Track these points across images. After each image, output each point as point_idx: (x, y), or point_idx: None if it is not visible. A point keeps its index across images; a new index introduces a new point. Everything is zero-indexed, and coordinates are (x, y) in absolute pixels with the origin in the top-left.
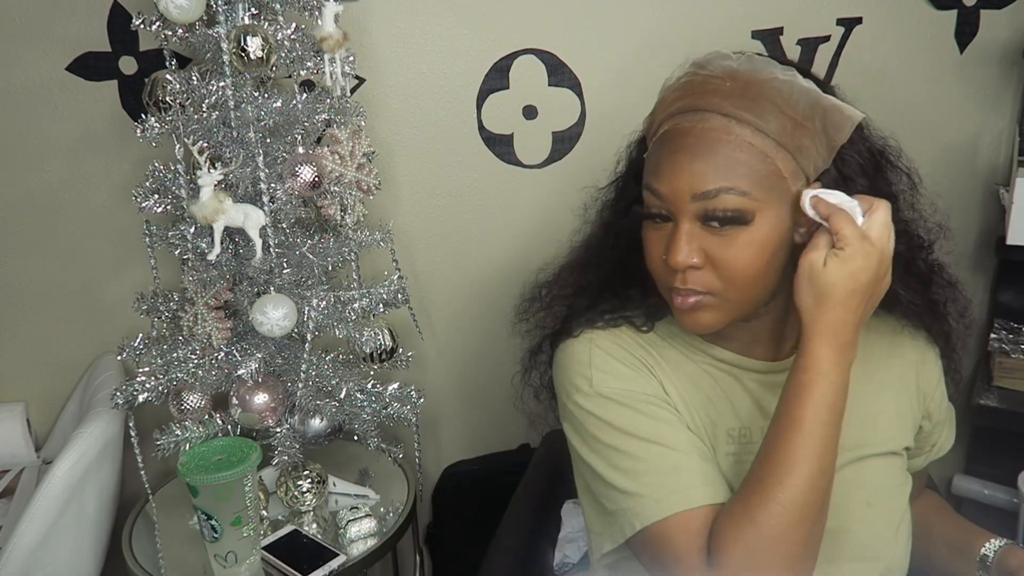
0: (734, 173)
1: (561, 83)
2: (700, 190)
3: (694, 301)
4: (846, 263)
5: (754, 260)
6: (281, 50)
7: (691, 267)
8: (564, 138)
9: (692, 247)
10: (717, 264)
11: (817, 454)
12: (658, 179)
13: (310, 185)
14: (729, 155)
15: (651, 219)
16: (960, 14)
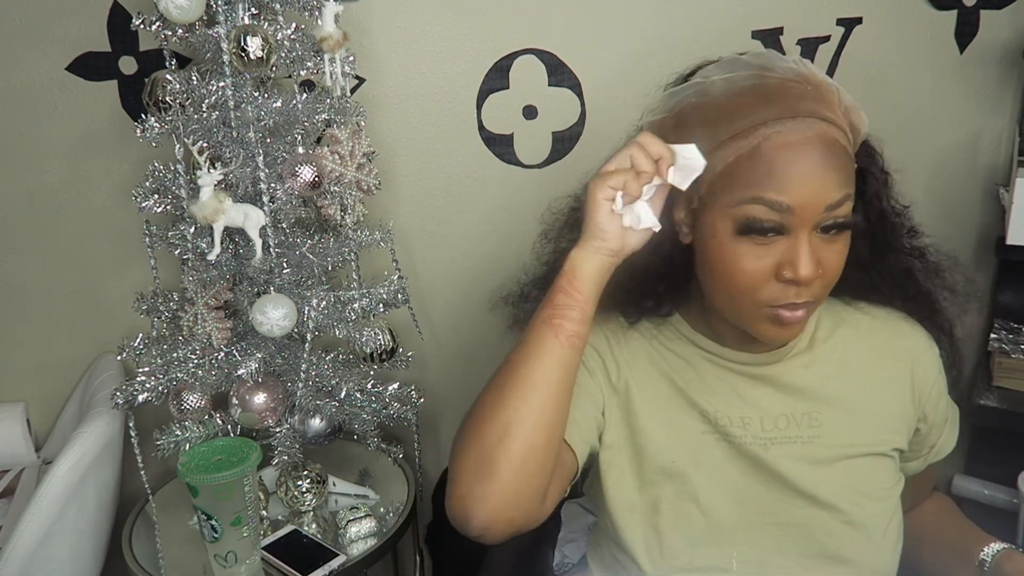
0: (848, 178)
1: (561, 83)
2: (832, 200)
3: (805, 312)
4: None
5: (844, 260)
6: (281, 50)
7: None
8: (564, 138)
9: (815, 259)
10: (827, 269)
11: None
12: (782, 192)
13: (310, 185)
14: (841, 161)
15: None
16: (960, 14)
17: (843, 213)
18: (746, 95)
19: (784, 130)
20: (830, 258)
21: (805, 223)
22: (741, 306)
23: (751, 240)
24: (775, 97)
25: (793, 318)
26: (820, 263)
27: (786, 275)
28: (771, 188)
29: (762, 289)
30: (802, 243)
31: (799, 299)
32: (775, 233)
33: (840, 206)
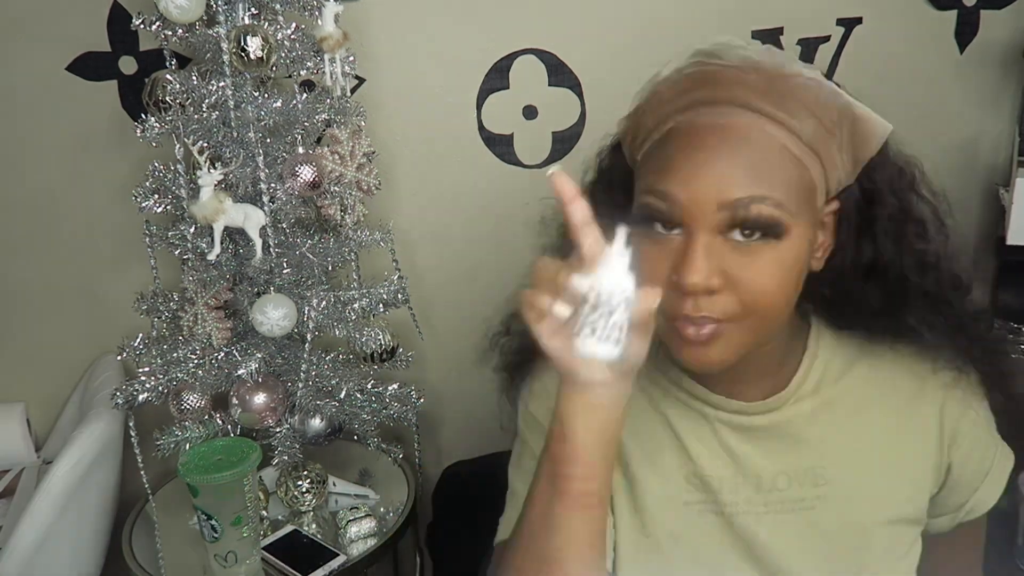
0: (769, 180)
1: (561, 83)
2: (730, 198)
3: (710, 331)
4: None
5: (781, 282)
6: (281, 50)
7: (708, 290)
8: (564, 138)
9: (711, 265)
10: (738, 286)
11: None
12: (670, 181)
13: (310, 185)
14: (763, 158)
15: (652, 229)
16: (960, 14)
17: (753, 215)
18: (680, 83)
19: (697, 117)
20: (744, 272)
21: (697, 221)
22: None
23: (651, 238)
24: (702, 82)
25: (696, 336)
26: (727, 276)
27: (673, 279)
28: (661, 177)
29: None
30: (694, 244)
31: (696, 312)
32: (665, 227)
33: (744, 207)
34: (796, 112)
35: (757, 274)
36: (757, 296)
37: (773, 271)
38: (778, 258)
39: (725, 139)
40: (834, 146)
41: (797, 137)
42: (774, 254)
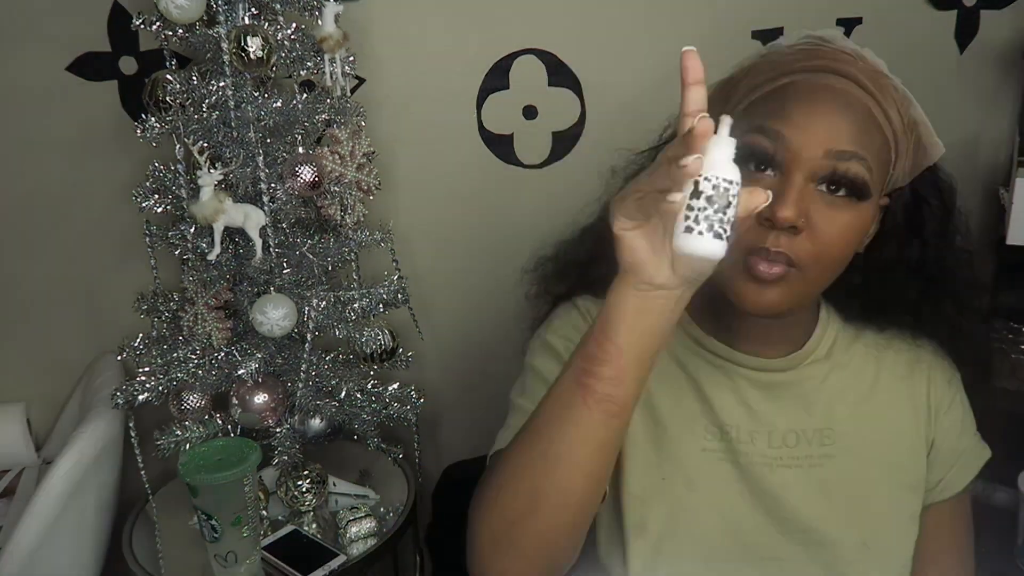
0: (870, 144)
1: (561, 83)
2: (838, 148)
3: (780, 270)
4: None
5: (849, 241)
6: (281, 50)
7: (792, 228)
8: (564, 138)
9: (802, 206)
10: (817, 232)
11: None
12: (786, 123)
13: (310, 185)
14: (867, 125)
15: (754, 164)
16: (960, 14)
17: (850, 170)
18: (796, 53)
19: (813, 78)
20: (826, 224)
21: (800, 164)
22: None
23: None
24: (819, 56)
25: (767, 273)
26: (810, 220)
27: (763, 212)
28: (775, 118)
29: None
30: (790, 184)
31: (775, 247)
32: (768, 167)
33: (846, 160)
34: (889, 103)
35: (835, 225)
36: (829, 246)
37: (847, 227)
38: (854, 217)
39: (838, 98)
40: (903, 146)
41: (889, 123)
42: (853, 212)
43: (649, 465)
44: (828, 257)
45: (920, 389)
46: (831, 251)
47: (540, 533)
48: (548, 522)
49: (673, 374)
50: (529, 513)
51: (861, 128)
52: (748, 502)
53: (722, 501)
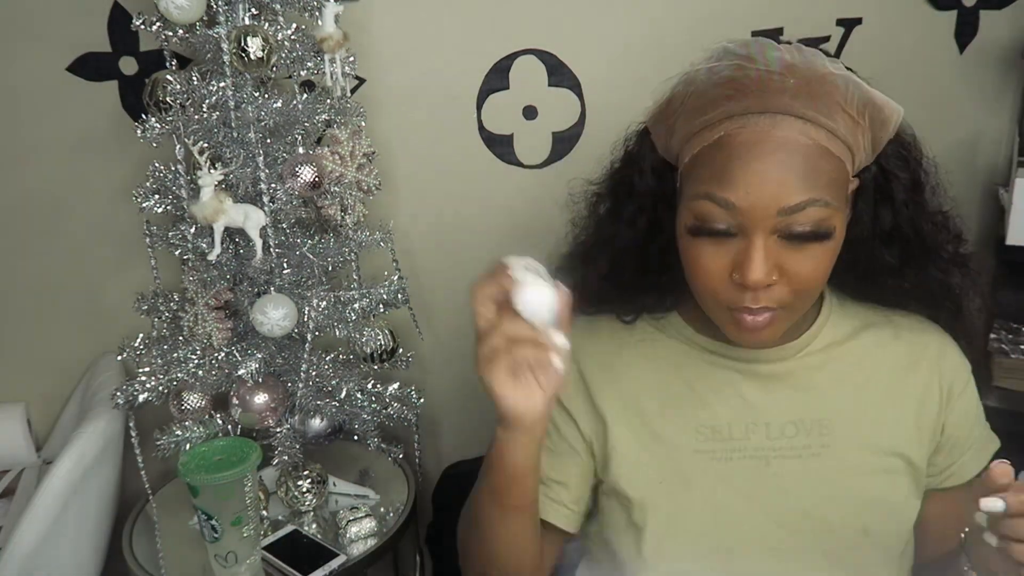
0: (818, 183)
1: (561, 83)
2: (787, 204)
3: (766, 318)
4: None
5: (827, 269)
6: (281, 50)
7: (768, 286)
8: (564, 138)
9: (769, 264)
10: (793, 278)
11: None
12: (730, 190)
13: (310, 185)
14: (811, 164)
15: (708, 227)
16: (960, 14)
17: (807, 220)
18: (722, 86)
19: (748, 125)
20: (798, 266)
21: (756, 225)
22: (706, 305)
23: (706, 238)
24: (750, 89)
25: (753, 323)
26: (782, 270)
27: (734, 278)
28: (720, 185)
29: (718, 289)
30: (754, 246)
31: (755, 304)
32: (727, 234)
33: (800, 211)
34: (832, 112)
35: (810, 267)
36: (808, 282)
37: (822, 262)
38: (825, 249)
39: (778, 149)
40: (860, 134)
41: (834, 135)
42: (823, 246)
43: (643, 469)
44: (811, 289)
45: (927, 378)
46: (811, 284)
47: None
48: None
49: (664, 380)
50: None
51: (809, 169)
52: (744, 499)
53: (719, 500)
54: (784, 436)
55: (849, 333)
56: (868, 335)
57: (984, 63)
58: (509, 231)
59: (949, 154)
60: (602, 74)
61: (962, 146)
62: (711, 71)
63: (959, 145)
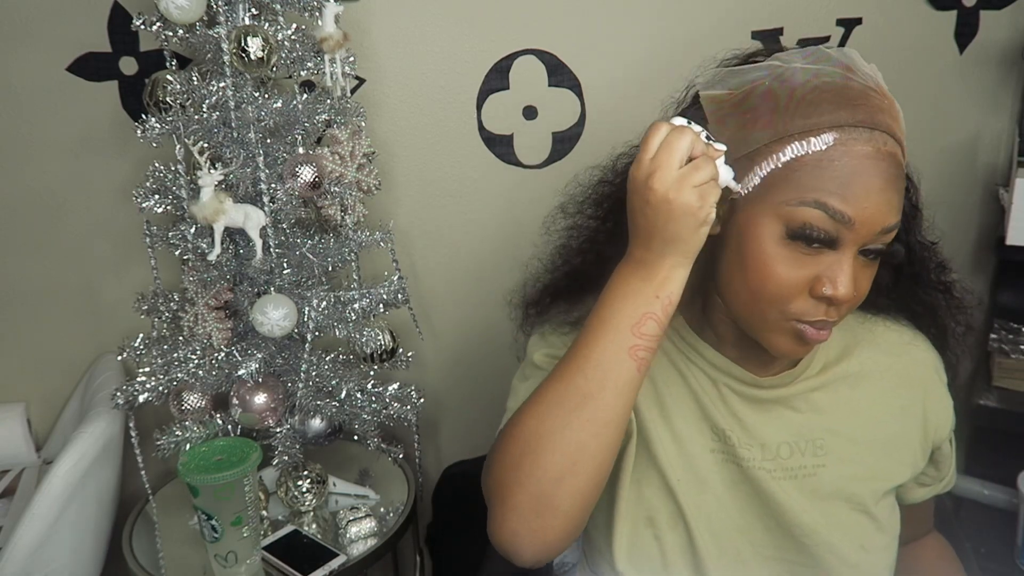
0: (901, 205)
1: (561, 83)
2: (889, 224)
3: (829, 332)
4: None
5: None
6: (281, 51)
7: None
8: (564, 138)
9: (854, 280)
10: (858, 295)
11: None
12: (850, 203)
13: (310, 185)
14: (903, 184)
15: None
16: (960, 14)
17: (889, 239)
18: (829, 92)
19: (861, 139)
20: (863, 282)
21: (858, 240)
22: (765, 314)
23: (796, 247)
24: (858, 102)
25: (818, 337)
26: (856, 285)
27: (824, 291)
28: (836, 195)
29: (793, 301)
30: (848, 261)
31: (830, 317)
32: (823, 245)
33: (893, 231)
34: (903, 134)
35: (868, 281)
36: (860, 301)
37: (871, 280)
38: (875, 269)
39: (890, 168)
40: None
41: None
42: (876, 267)
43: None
44: (857, 305)
45: (918, 398)
46: (861, 300)
47: (580, 491)
48: (589, 480)
49: (673, 377)
50: (570, 473)
51: (902, 189)
52: (754, 504)
53: (731, 502)
54: (779, 456)
55: (841, 351)
56: (861, 353)
57: (984, 63)
58: (509, 231)
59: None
60: (602, 74)
61: (962, 146)
62: (811, 73)
63: (959, 145)
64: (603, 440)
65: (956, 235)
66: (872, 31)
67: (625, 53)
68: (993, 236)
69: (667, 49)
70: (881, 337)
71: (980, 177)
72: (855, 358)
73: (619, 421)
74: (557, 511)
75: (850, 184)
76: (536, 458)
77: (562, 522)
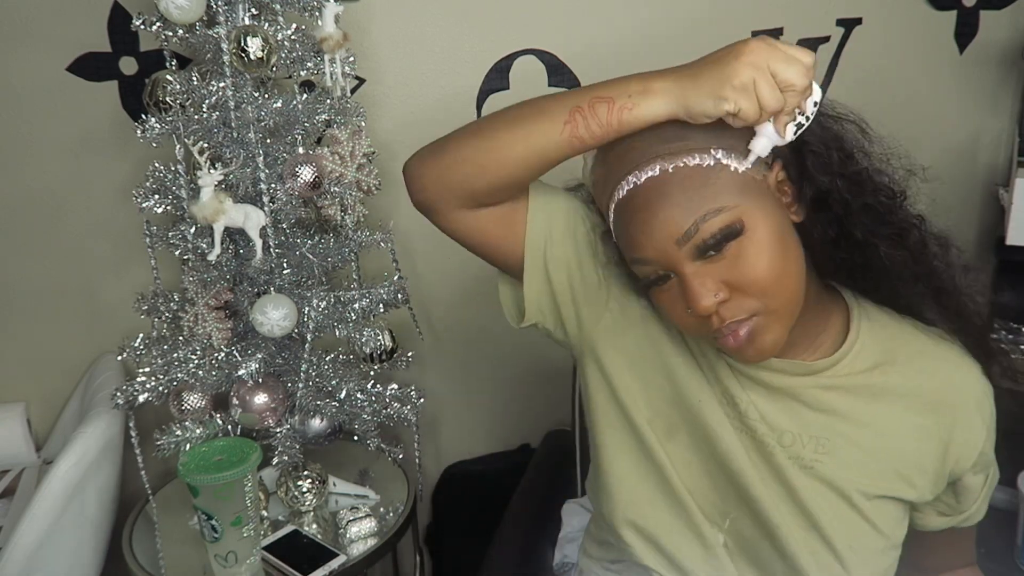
0: (699, 199)
1: (561, 83)
2: (680, 232)
3: (747, 330)
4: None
5: (771, 260)
6: (281, 51)
7: (720, 303)
8: None
9: (708, 286)
10: (740, 285)
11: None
12: (637, 248)
13: (310, 185)
14: (687, 186)
15: (655, 285)
16: (960, 14)
17: (707, 235)
18: (599, 171)
19: (625, 188)
20: (739, 273)
21: (673, 263)
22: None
23: (659, 290)
24: (613, 164)
25: (736, 341)
26: (727, 283)
27: (691, 312)
28: (630, 248)
29: (691, 327)
30: (685, 280)
31: (722, 324)
32: (665, 279)
33: (695, 233)
34: (684, 133)
35: (748, 266)
36: (762, 282)
37: (757, 256)
38: (753, 244)
39: (651, 193)
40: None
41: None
42: (748, 244)
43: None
44: (772, 284)
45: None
46: (765, 281)
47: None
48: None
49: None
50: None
51: (683, 194)
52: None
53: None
54: (781, 444)
55: (871, 365)
56: (893, 371)
57: (984, 63)
58: None
59: (949, 154)
60: (602, 74)
61: (962, 146)
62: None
63: (959, 145)
64: (497, 161)
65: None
66: (872, 31)
67: (625, 53)
68: (993, 236)
69: (667, 49)
70: (920, 356)
71: (980, 177)
72: (884, 374)
73: (518, 157)
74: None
75: (630, 231)
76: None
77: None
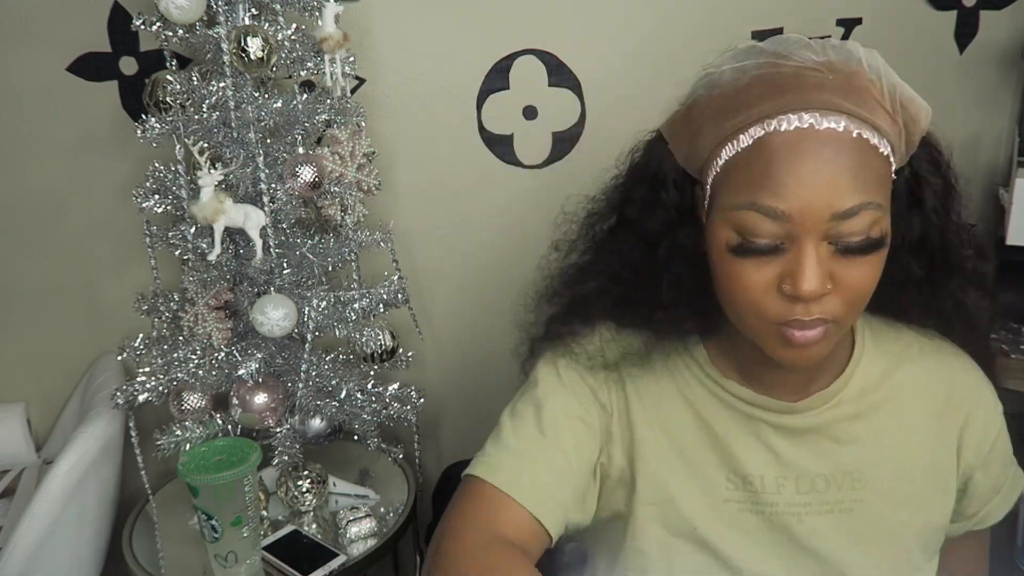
0: (869, 183)
1: (561, 83)
2: (841, 208)
3: (819, 332)
4: None
5: (877, 278)
6: (281, 51)
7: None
8: (564, 138)
9: (822, 272)
10: (846, 288)
11: None
12: (776, 196)
13: (310, 185)
14: (862, 162)
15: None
16: (960, 15)
17: (861, 226)
18: (754, 85)
19: (788, 124)
20: (851, 274)
21: (809, 232)
22: (748, 324)
23: (747, 254)
24: (787, 87)
25: (803, 338)
26: (834, 279)
27: (784, 289)
28: (764, 192)
29: (765, 304)
30: (805, 254)
31: (807, 316)
32: (775, 250)
33: (854, 215)
34: (872, 108)
35: (863, 276)
36: (860, 294)
37: (874, 270)
38: (878, 258)
39: (825, 148)
40: (896, 131)
41: (879, 132)
42: (876, 255)
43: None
44: (863, 301)
45: (954, 427)
46: (863, 297)
47: None
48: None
49: (689, 428)
50: None
51: (858, 167)
52: (774, 552)
53: (749, 553)
54: (815, 490)
55: (882, 374)
56: (902, 374)
57: (984, 63)
58: (509, 231)
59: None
60: (602, 74)
61: (962, 146)
62: (738, 71)
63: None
64: None
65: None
66: (872, 31)
67: (625, 53)
68: (993, 236)
69: (667, 49)
70: (924, 361)
71: (980, 177)
72: (895, 381)
73: None
74: None
75: (779, 175)
76: None
77: None
